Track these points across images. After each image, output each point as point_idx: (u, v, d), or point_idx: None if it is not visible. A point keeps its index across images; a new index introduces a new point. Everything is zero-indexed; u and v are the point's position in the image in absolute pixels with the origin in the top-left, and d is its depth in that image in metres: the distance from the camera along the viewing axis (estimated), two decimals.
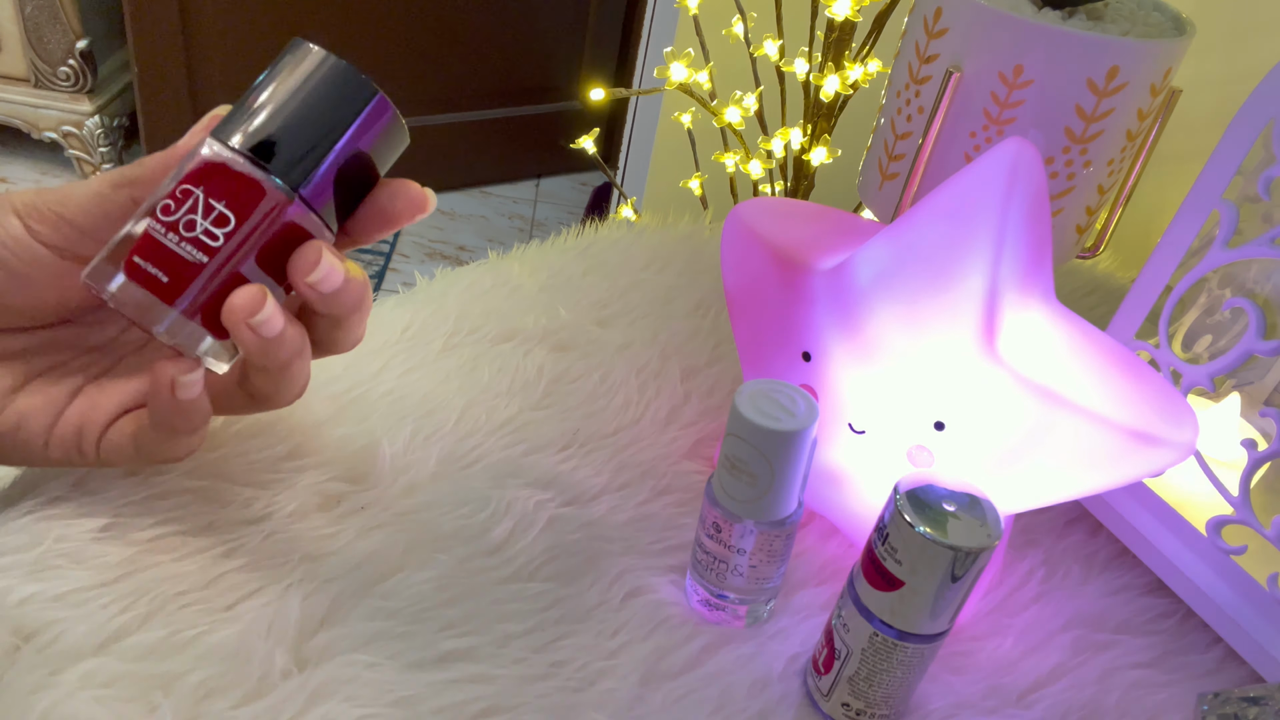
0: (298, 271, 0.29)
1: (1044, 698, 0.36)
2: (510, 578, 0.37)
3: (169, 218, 0.28)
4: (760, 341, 0.41)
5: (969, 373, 0.33)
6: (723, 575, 0.36)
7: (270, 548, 0.36)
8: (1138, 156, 0.51)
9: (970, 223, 0.32)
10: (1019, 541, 0.44)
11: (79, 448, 0.34)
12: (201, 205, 0.28)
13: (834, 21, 0.83)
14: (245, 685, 0.31)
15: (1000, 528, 0.29)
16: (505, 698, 0.33)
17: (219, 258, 0.28)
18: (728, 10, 0.90)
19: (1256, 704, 0.30)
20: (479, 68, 1.88)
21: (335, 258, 0.30)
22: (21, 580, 0.33)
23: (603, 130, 1.09)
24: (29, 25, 1.59)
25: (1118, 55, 0.44)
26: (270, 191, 0.28)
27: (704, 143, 1.05)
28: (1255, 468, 0.37)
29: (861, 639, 0.32)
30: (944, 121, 0.48)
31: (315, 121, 0.28)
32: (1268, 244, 0.36)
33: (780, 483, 0.33)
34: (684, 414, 0.48)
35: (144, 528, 0.35)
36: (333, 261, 0.30)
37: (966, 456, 0.35)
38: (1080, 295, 0.65)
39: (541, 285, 0.56)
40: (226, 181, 0.28)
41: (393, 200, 0.32)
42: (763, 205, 0.41)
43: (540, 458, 0.43)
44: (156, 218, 0.28)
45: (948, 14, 0.48)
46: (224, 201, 0.28)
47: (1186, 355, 0.43)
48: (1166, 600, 0.41)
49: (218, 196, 0.28)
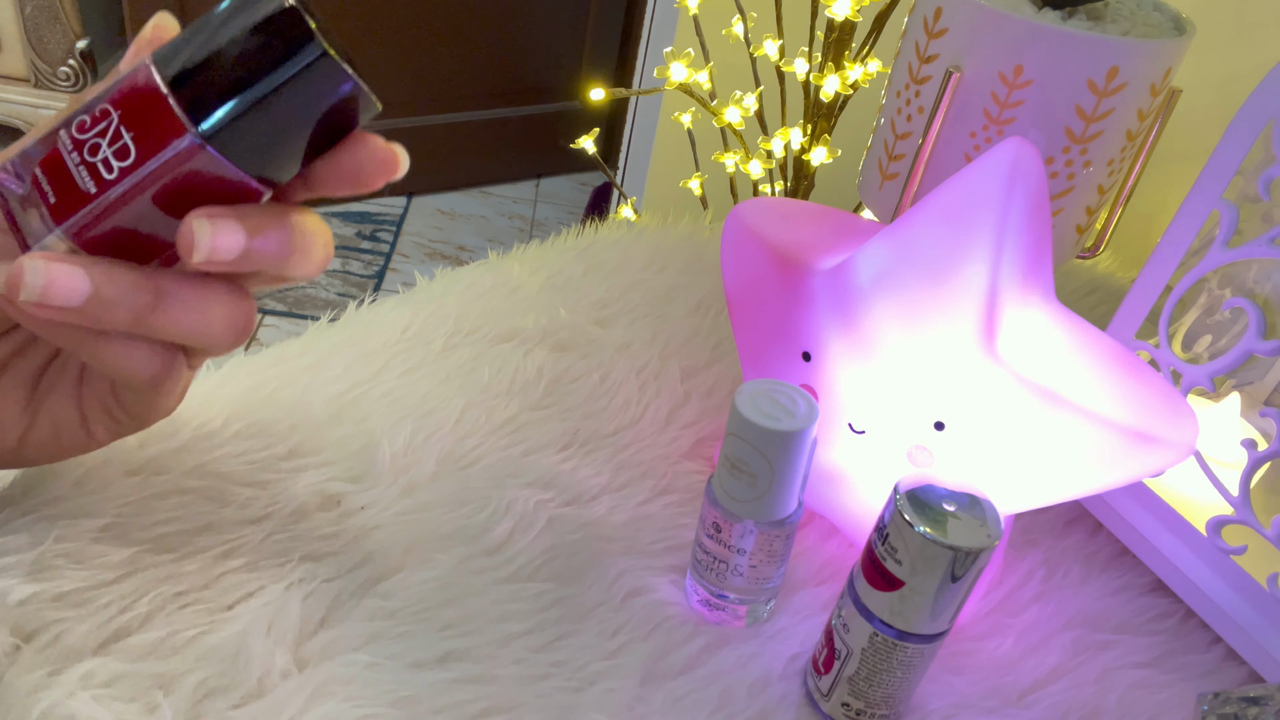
0: (181, 251, 0.26)
1: (1044, 698, 0.36)
2: (510, 578, 0.37)
3: (80, 135, 0.26)
4: (760, 341, 0.41)
5: (969, 373, 0.33)
6: (723, 575, 0.36)
7: (270, 548, 0.36)
8: (1138, 156, 0.51)
9: (970, 223, 0.32)
10: (1019, 541, 0.44)
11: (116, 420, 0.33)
12: (111, 130, 0.26)
13: (834, 21, 0.83)
14: (245, 685, 0.31)
15: (1000, 528, 0.29)
16: (505, 698, 0.33)
17: (111, 192, 0.26)
18: (728, 10, 0.90)
19: (1256, 704, 0.30)
20: (479, 68, 1.88)
21: (225, 223, 0.26)
22: (21, 580, 0.32)
23: (603, 130, 1.09)
24: (29, 25, 1.59)
25: (1118, 55, 0.44)
26: (183, 134, 0.25)
27: (704, 143, 1.05)
28: (1255, 468, 0.37)
29: (861, 639, 0.32)
30: (944, 121, 0.48)
31: (251, 70, 0.25)
32: (1268, 244, 0.36)
33: (780, 483, 0.33)
34: (684, 414, 0.48)
35: (144, 528, 0.35)
36: (221, 229, 0.26)
37: (966, 456, 0.35)
38: (1080, 295, 0.65)
39: (541, 285, 0.56)
40: (142, 112, 0.25)
41: (354, 158, 0.28)
42: (763, 205, 0.41)
43: (540, 458, 0.43)
44: (70, 131, 0.26)
45: (948, 14, 0.48)
46: (133, 133, 0.25)
47: (1186, 355, 0.43)
48: (1166, 600, 0.41)
49: (129, 125, 0.26)
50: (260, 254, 0.27)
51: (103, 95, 0.26)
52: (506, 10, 1.83)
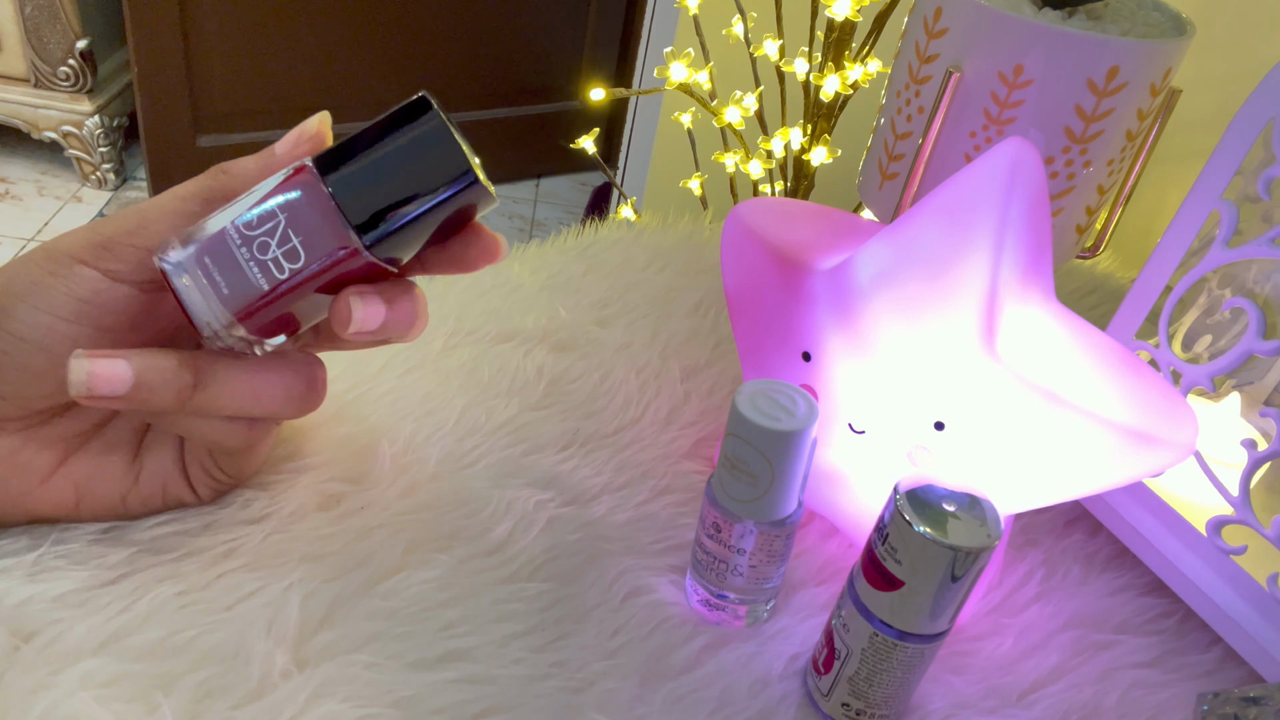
0: (336, 326, 0.30)
1: (1044, 698, 0.36)
2: (510, 578, 0.37)
3: (248, 231, 0.28)
4: (760, 341, 0.41)
5: (969, 372, 0.33)
6: (723, 575, 0.36)
7: (270, 548, 0.36)
8: (1138, 156, 0.51)
9: (970, 222, 0.32)
10: (1019, 541, 0.44)
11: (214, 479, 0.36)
12: (279, 232, 0.28)
13: (834, 21, 0.83)
14: (245, 685, 0.31)
15: (1000, 528, 0.29)
16: (505, 698, 0.33)
17: (281, 289, 0.29)
18: (728, 10, 0.90)
19: (1256, 704, 0.30)
20: (479, 68, 1.88)
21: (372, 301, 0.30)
22: (21, 581, 0.33)
23: (603, 130, 1.09)
24: (29, 25, 1.59)
25: (1118, 55, 0.44)
26: (349, 244, 0.29)
27: (704, 143, 1.05)
28: (1255, 468, 0.37)
29: (861, 639, 0.32)
30: (944, 121, 0.48)
31: (410, 188, 0.29)
32: (1268, 244, 0.36)
33: (780, 483, 0.33)
34: (684, 414, 0.48)
35: (144, 528, 0.35)
36: (368, 307, 0.30)
37: (966, 456, 0.35)
38: (1080, 295, 0.65)
39: (541, 285, 0.56)
40: (311, 219, 0.28)
41: (464, 247, 0.32)
42: (763, 205, 0.41)
43: (540, 458, 0.43)
44: (236, 226, 0.29)
45: (948, 14, 0.48)
46: (301, 238, 0.28)
47: (1186, 355, 0.43)
48: (1166, 600, 0.41)
49: (298, 230, 0.28)
50: (393, 325, 0.31)
51: (266, 193, 0.29)
52: (506, 10, 1.83)
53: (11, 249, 1.57)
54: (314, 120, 0.31)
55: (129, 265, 0.30)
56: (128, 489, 0.34)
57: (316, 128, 0.31)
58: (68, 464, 0.33)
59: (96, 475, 0.34)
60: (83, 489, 0.34)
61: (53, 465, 0.33)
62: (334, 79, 1.72)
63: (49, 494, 0.33)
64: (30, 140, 1.75)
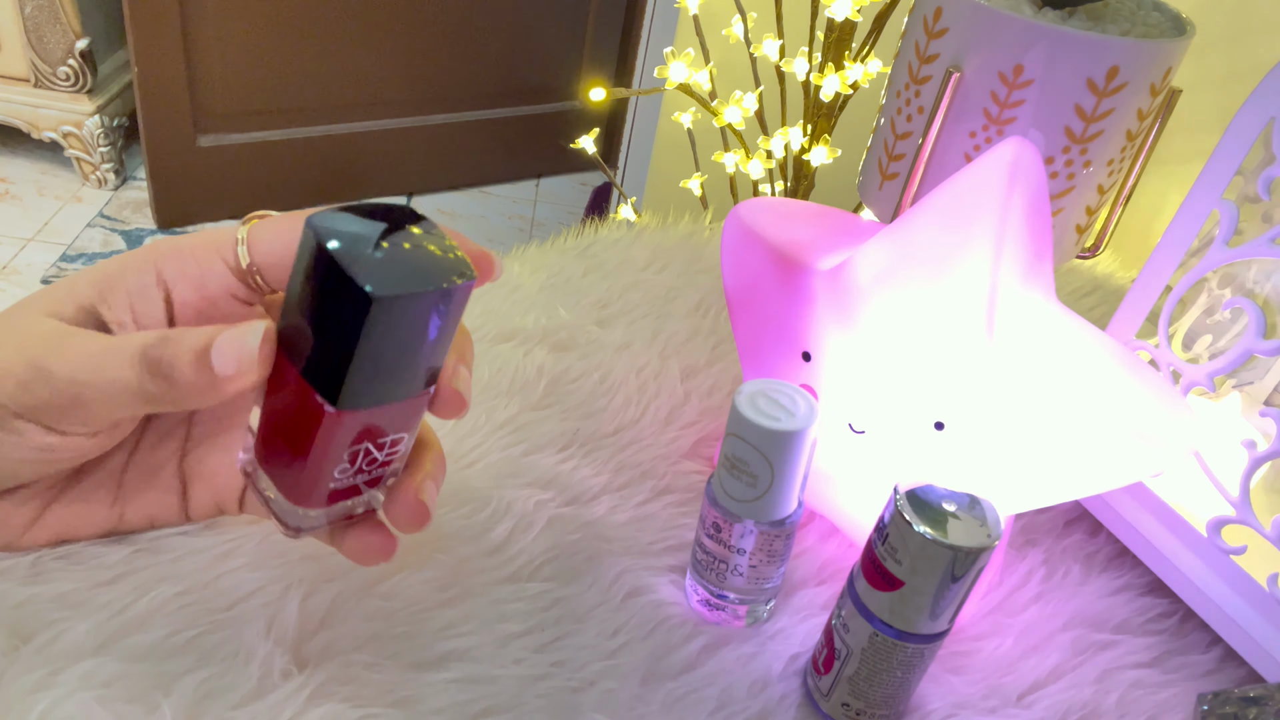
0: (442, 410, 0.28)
1: (1044, 698, 0.36)
2: (510, 578, 0.37)
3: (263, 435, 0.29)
4: (760, 341, 0.41)
5: (969, 373, 0.33)
6: (723, 575, 0.36)
7: (270, 548, 0.36)
8: (1138, 156, 0.51)
9: (970, 223, 0.32)
10: (1019, 541, 0.44)
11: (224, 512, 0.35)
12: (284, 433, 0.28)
13: (834, 21, 0.83)
14: (245, 685, 0.31)
15: (1000, 528, 0.29)
16: (505, 698, 0.33)
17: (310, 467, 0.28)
18: (728, 10, 0.90)
19: (1256, 704, 0.30)
20: (479, 68, 1.87)
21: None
22: (21, 581, 0.32)
23: (603, 130, 1.09)
24: (29, 25, 1.59)
25: (1118, 55, 0.44)
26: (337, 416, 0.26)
27: (704, 143, 1.05)
28: (1255, 468, 0.37)
29: (861, 639, 0.32)
30: (944, 121, 0.48)
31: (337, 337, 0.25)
32: (1268, 244, 0.36)
33: (780, 483, 0.33)
34: (684, 414, 0.48)
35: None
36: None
37: (966, 456, 0.35)
38: (1080, 295, 0.65)
39: (541, 285, 0.56)
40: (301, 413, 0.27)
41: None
42: (763, 205, 0.41)
43: (540, 458, 0.43)
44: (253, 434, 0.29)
45: (948, 14, 0.48)
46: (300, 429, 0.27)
47: (1186, 355, 0.43)
48: (1166, 600, 0.41)
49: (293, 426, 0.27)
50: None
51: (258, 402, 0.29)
52: (506, 10, 1.83)
53: (12, 249, 1.57)
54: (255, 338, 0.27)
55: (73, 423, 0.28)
56: (111, 527, 0.34)
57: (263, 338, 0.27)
58: (46, 515, 0.33)
59: (77, 522, 0.33)
60: (64, 534, 0.33)
61: (31, 519, 0.33)
62: (334, 79, 1.72)
63: (30, 542, 0.33)
64: (30, 140, 1.75)
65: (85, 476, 0.33)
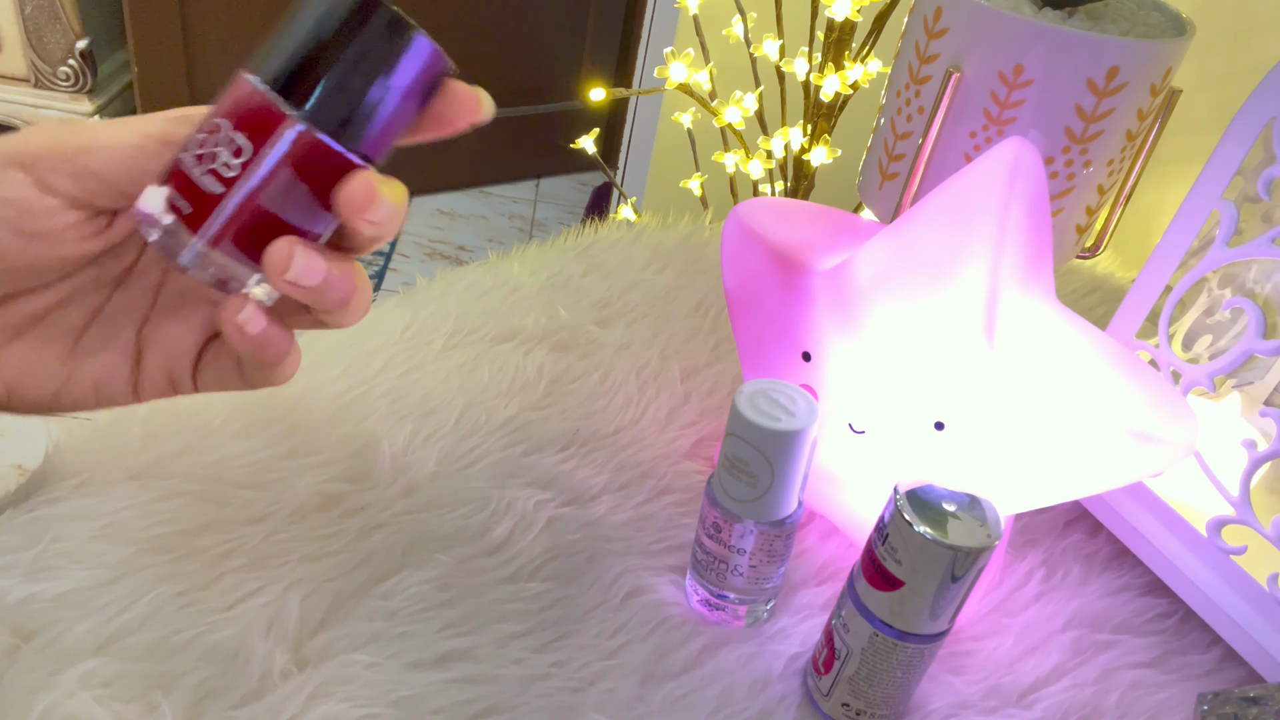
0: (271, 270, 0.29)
1: (1044, 698, 0.36)
2: (510, 578, 0.37)
3: (198, 149, 0.28)
4: (760, 341, 0.41)
5: (969, 373, 0.33)
6: (723, 575, 0.36)
7: (270, 548, 0.36)
8: (1138, 156, 0.51)
9: (970, 223, 0.32)
10: (1019, 541, 0.44)
11: (176, 390, 0.34)
12: (224, 137, 0.28)
13: (834, 21, 0.83)
14: (245, 685, 0.31)
15: (1000, 528, 0.29)
16: (505, 698, 0.33)
17: (237, 189, 0.28)
18: (728, 10, 0.90)
19: (1256, 704, 0.30)
20: (479, 68, 1.87)
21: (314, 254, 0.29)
22: (21, 580, 0.32)
23: (603, 130, 1.09)
24: (29, 25, 1.59)
25: (1118, 55, 0.44)
26: (286, 120, 0.28)
27: (704, 143, 1.05)
28: (1255, 468, 0.37)
29: (861, 639, 0.32)
30: (944, 121, 0.48)
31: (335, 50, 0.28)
32: (1268, 244, 0.36)
33: (780, 483, 0.33)
34: (684, 414, 0.48)
35: (143, 528, 0.35)
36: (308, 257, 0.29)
37: (966, 456, 0.35)
38: (1080, 295, 0.65)
39: (541, 285, 0.56)
40: (247, 112, 0.28)
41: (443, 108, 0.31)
42: (763, 205, 0.41)
43: (540, 458, 0.43)
44: (187, 149, 0.29)
45: (948, 14, 0.48)
46: (244, 133, 0.28)
47: (1186, 355, 0.43)
48: (1166, 600, 0.41)
49: (239, 127, 0.28)
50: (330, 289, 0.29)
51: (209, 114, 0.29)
52: (506, 10, 1.83)
53: None
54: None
55: (67, 182, 0.29)
56: (59, 385, 0.33)
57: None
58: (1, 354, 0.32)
59: (27, 369, 0.33)
60: (13, 382, 0.33)
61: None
62: None
63: None
64: None
65: (44, 325, 0.33)
